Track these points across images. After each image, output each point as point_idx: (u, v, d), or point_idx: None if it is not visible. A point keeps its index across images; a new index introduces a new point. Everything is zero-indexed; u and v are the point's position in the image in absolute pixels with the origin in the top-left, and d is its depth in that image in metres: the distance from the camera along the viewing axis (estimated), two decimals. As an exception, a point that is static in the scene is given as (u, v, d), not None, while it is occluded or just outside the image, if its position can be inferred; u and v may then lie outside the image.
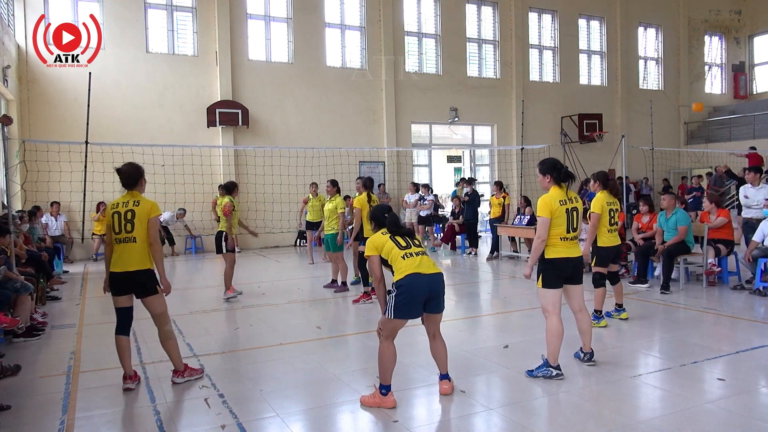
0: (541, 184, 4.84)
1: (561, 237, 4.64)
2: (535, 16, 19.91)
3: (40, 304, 7.85)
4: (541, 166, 4.79)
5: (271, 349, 5.79)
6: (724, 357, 5.17)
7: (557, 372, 4.61)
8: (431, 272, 4.10)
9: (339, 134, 16.18)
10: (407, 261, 4.07)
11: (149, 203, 4.62)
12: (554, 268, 4.66)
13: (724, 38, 24.09)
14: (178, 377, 4.75)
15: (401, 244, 4.15)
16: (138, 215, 4.53)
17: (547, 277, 4.68)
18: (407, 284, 4.01)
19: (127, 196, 4.65)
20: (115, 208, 4.60)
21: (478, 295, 9.11)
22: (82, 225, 12.54)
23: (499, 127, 19.02)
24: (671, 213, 8.34)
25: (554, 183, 4.71)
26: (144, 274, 4.57)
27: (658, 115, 19.55)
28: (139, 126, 14.12)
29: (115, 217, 4.57)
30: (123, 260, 4.53)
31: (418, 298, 4.04)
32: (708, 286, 8.39)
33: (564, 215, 4.62)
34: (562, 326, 4.63)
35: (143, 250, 4.55)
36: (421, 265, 4.08)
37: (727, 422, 3.81)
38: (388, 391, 4.13)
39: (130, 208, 4.55)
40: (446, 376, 4.39)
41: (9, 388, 4.74)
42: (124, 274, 4.54)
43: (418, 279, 4.02)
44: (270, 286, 8.79)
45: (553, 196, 4.65)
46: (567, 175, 4.73)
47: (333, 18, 16.75)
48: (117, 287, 4.62)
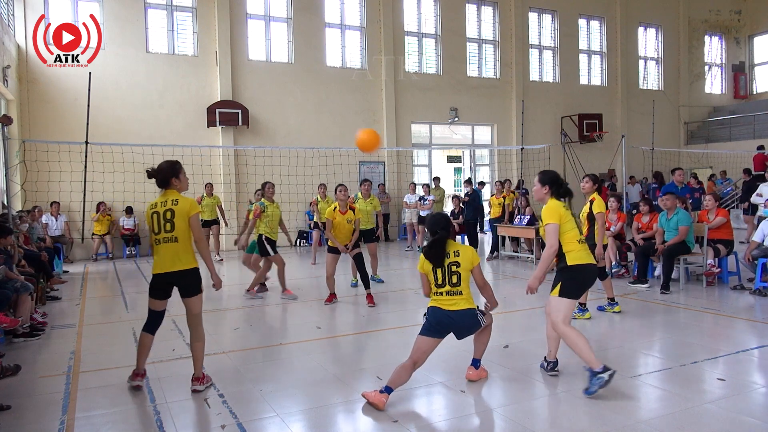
0: (536, 194, 4.66)
1: (578, 239, 4.47)
2: (535, 16, 19.91)
3: (40, 304, 7.85)
4: (542, 176, 4.63)
5: (271, 349, 5.79)
6: (724, 357, 5.17)
7: (609, 372, 4.17)
8: (453, 309, 4.26)
9: (339, 134, 16.18)
10: (434, 297, 4.36)
11: (188, 201, 4.50)
12: (578, 276, 4.41)
13: (724, 38, 24.09)
14: (198, 384, 4.54)
15: (438, 281, 4.30)
16: (178, 214, 4.43)
17: (569, 286, 4.40)
18: (431, 313, 4.34)
19: (164, 196, 4.54)
20: (154, 208, 4.51)
21: (478, 295, 9.10)
22: (82, 225, 12.55)
23: (499, 127, 19.02)
24: (672, 213, 8.35)
25: (552, 196, 4.55)
26: (191, 273, 4.47)
27: (658, 115, 19.57)
28: (139, 126, 14.13)
29: (154, 217, 4.48)
30: (166, 261, 4.44)
31: (440, 327, 4.29)
32: (707, 286, 8.39)
33: (572, 219, 4.50)
34: (577, 330, 4.44)
35: (187, 249, 4.46)
36: (445, 302, 4.29)
37: (727, 422, 3.81)
38: (390, 393, 4.15)
39: (169, 208, 4.44)
40: (477, 362, 4.63)
41: (9, 388, 4.74)
42: (168, 275, 4.46)
43: (438, 312, 4.29)
44: (270, 286, 8.78)
45: (556, 203, 4.49)
46: (566, 192, 4.60)
47: (333, 18, 16.75)
48: (157, 290, 4.55)
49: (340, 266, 8.81)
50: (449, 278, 4.25)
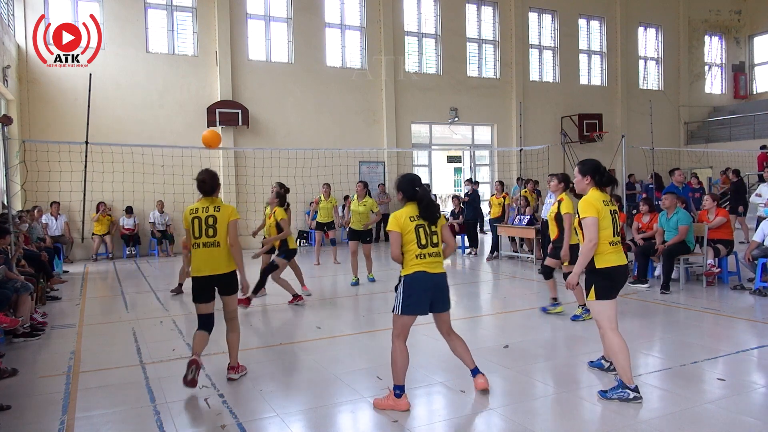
0: (577, 186, 4.49)
1: (610, 241, 4.24)
2: (535, 16, 19.91)
3: (40, 304, 7.85)
4: (582, 167, 4.44)
5: (272, 349, 5.79)
6: (724, 357, 5.17)
7: (635, 395, 4.09)
8: (436, 271, 4.09)
9: (339, 134, 16.19)
10: (417, 260, 4.06)
11: (230, 208, 4.75)
12: (608, 279, 4.25)
13: (724, 38, 24.09)
14: (233, 373, 4.80)
15: (421, 242, 4.05)
16: (220, 220, 4.65)
17: (601, 288, 4.24)
18: (413, 281, 4.04)
19: (206, 202, 4.74)
20: (195, 213, 4.69)
21: (478, 295, 9.11)
22: (82, 225, 12.53)
23: (499, 127, 19.01)
24: (672, 213, 8.35)
25: (594, 186, 4.36)
26: (231, 275, 4.74)
27: (658, 115, 19.54)
28: (139, 126, 14.12)
29: (195, 222, 4.67)
30: (210, 264, 4.65)
31: (425, 294, 4.07)
32: (707, 286, 8.39)
33: (609, 216, 4.25)
34: (623, 341, 4.21)
35: (228, 253, 4.68)
36: (430, 265, 4.07)
37: (727, 422, 3.81)
38: (402, 393, 4.07)
39: (212, 214, 4.66)
40: (477, 371, 4.34)
41: (9, 388, 4.74)
42: (212, 278, 4.67)
43: (423, 277, 4.04)
44: (270, 286, 8.78)
45: (595, 197, 4.28)
46: (610, 180, 4.41)
47: (333, 18, 16.75)
48: (201, 292, 4.71)
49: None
50: (431, 238, 4.09)
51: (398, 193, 4.21)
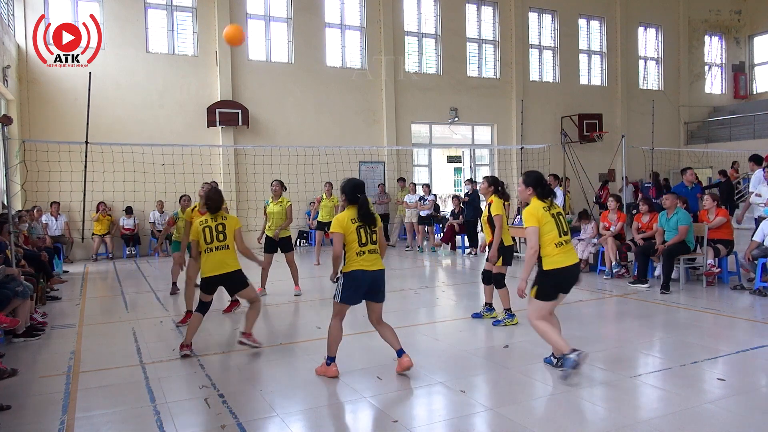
0: (521, 194, 4.84)
1: (555, 243, 4.56)
2: (535, 16, 19.91)
3: (40, 304, 7.84)
4: (525, 178, 4.82)
5: (271, 349, 5.79)
6: (724, 357, 5.17)
7: (576, 354, 4.39)
8: (374, 269, 4.69)
9: (339, 134, 16.18)
10: (357, 258, 4.64)
11: (234, 218, 5.73)
12: (552, 281, 4.58)
13: (724, 38, 24.09)
14: (245, 338, 5.59)
15: (361, 240, 4.64)
16: (228, 228, 5.56)
17: (543, 288, 4.60)
18: (352, 278, 4.66)
19: (212, 216, 5.61)
20: (205, 223, 5.56)
21: (478, 295, 9.10)
22: (82, 225, 12.55)
23: (499, 127, 19.01)
24: (672, 213, 8.34)
25: (535, 196, 4.72)
26: (239, 272, 5.56)
27: (658, 115, 19.56)
28: (139, 126, 14.12)
29: (206, 231, 5.50)
30: (218, 265, 5.45)
31: (360, 289, 4.71)
32: (707, 286, 8.38)
33: (551, 219, 4.61)
34: (547, 323, 4.64)
35: (234, 254, 5.57)
36: (367, 262, 4.66)
37: (727, 422, 3.81)
38: (332, 362, 4.78)
39: (221, 222, 5.57)
40: (402, 352, 4.78)
41: (9, 388, 4.74)
42: (219, 277, 5.45)
43: (361, 275, 4.65)
44: (270, 286, 8.78)
45: (536, 206, 4.66)
46: (550, 192, 4.79)
47: (333, 18, 16.74)
48: (209, 287, 5.51)
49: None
50: (370, 237, 4.67)
51: (342, 195, 4.80)
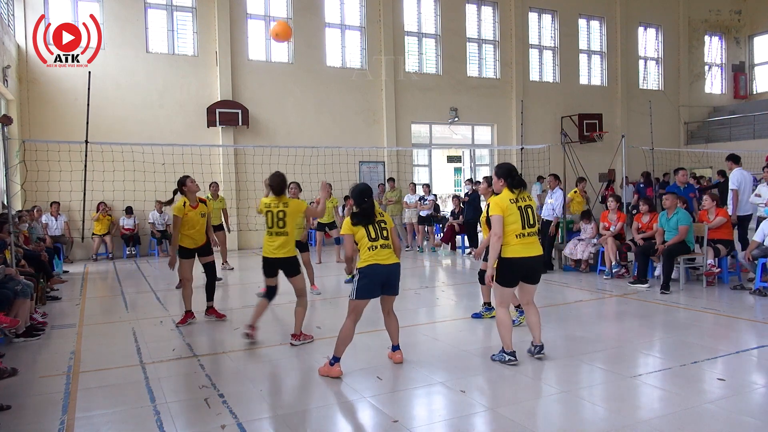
0: (494, 186, 5.15)
1: (516, 234, 4.84)
2: (535, 16, 19.90)
3: (40, 304, 7.84)
4: (497, 170, 5.10)
5: (271, 349, 5.79)
6: (724, 357, 5.17)
7: (509, 357, 4.94)
8: (389, 263, 4.78)
9: (339, 134, 16.18)
10: (370, 252, 4.74)
11: (295, 202, 5.90)
12: (510, 268, 4.90)
13: (724, 38, 24.08)
14: (295, 340, 5.79)
15: (371, 236, 4.76)
16: (288, 215, 5.75)
17: (502, 275, 4.93)
18: (368, 272, 4.72)
19: (276, 200, 5.83)
20: (268, 207, 5.84)
21: (478, 295, 9.09)
22: (82, 225, 12.53)
23: (499, 127, 19.01)
24: (672, 213, 8.34)
25: (506, 187, 4.98)
26: (292, 260, 5.83)
27: (658, 115, 19.54)
28: (139, 126, 14.12)
29: (268, 215, 5.81)
30: (277, 249, 5.75)
31: (375, 283, 4.76)
32: (707, 286, 8.38)
33: (517, 212, 4.85)
34: (509, 317, 5.01)
35: (291, 241, 5.82)
36: (381, 256, 4.74)
37: (727, 422, 3.81)
38: (336, 362, 4.77)
39: (282, 209, 5.77)
40: (397, 347, 5.08)
41: (9, 388, 4.74)
42: (278, 259, 5.76)
43: (377, 268, 4.73)
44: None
45: (503, 197, 4.95)
46: (519, 183, 5.00)
47: (333, 18, 16.74)
48: (269, 269, 5.89)
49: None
50: (381, 233, 4.80)
51: (350, 200, 4.92)
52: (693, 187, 12.01)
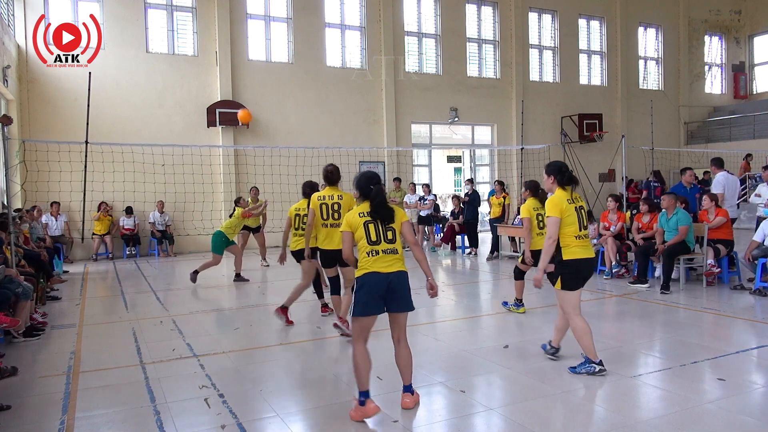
0: (545, 184, 4.98)
1: (575, 236, 4.66)
2: (535, 16, 19.91)
3: (40, 304, 7.84)
4: (547, 168, 4.93)
5: (271, 349, 5.79)
6: (724, 357, 5.17)
7: (600, 368, 4.64)
8: (390, 271, 3.95)
9: (339, 134, 16.19)
10: (369, 258, 3.97)
11: (348, 195, 5.81)
12: (573, 270, 4.67)
13: (724, 38, 24.09)
14: (340, 322, 5.87)
15: (371, 238, 3.97)
16: (343, 207, 5.73)
17: (566, 278, 4.68)
18: (364, 282, 3.97)
19: (331, 191, 5.85)
20: (322, 200, 5.82)
21: (478, 295, 9.11)
22: (82, 225, 12.55)
23: (499, 127, 19.01)
24: (672, 213, 8.34)
25: (557, 185, 4.78)
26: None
27: (658, 115, 19.55)
28: (139, 126, 14.12)
29: (322, 207, 5.78)
30: (334, 241, 5.71)
31: (374, 295, 3.94)
32: (707, 286, 8.38)
33: (574, 213, 4.68)
34: (586, 323, 4.71)
35: None
36: (382, 263, 3.95)
37: (727, 422, 3.81)
38: (366, 398, 3.89)
39: (336, 201, 5.80)
40: (409, 388, 4.12)
41: (9, 388, 4.73)
42: (334, 251, 5.67)
43: (374, 278, 3.94)
44: (270, 286, 8.79)
45: (560, 196, 4.71)
46: (570, 179, 4.80)
47: (333, 18, 16.74)
48: (328, 261, 5.90)
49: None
50: (384, 234, 3.99)
51: (356, 191, 4.16)
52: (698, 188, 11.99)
